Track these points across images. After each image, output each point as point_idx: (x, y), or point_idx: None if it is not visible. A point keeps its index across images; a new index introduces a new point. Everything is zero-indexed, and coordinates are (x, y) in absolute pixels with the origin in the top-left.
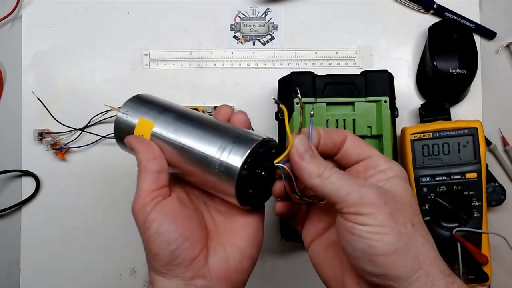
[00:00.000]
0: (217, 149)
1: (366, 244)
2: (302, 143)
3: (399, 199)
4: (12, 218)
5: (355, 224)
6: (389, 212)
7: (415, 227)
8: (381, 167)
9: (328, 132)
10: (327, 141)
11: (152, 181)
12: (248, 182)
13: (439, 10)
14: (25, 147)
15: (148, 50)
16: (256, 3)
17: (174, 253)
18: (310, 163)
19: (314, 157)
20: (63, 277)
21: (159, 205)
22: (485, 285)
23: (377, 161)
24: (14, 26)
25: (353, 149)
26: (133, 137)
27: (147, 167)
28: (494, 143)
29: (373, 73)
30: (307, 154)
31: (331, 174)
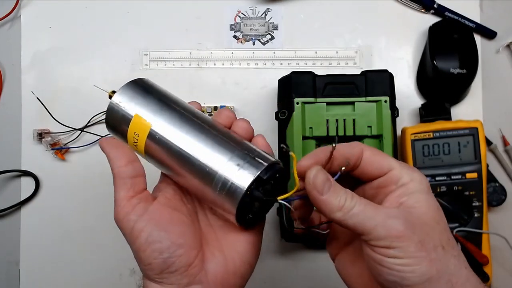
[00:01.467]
0: (223, 166)
1: (398, 277)
2: (318, 177)
3: (426, 219)
4: (12, 218)
5: (384, 257)
6: (419, 241)
7: (445, 249)
8: (402, 181)
9: (344, 148)
10: (339, 159)
11: (128, 188)
12: (249, 205)
13: (439, 10)
14: (24, 147)
15: (148, 50)
16: (256, 3)
17: (167, 261)
18: (329, 196)
19: (333, 188)
20: (62, 277)
21: (147, 213)
22: (486, 285)
23: (398, 174)
24: (13, 25)
25: (371, 165)
26: (105, 141)
27: (120, 174)
28: (494, 143)
29: (373, 73)
30: (325, 186)
31: (353, 206)
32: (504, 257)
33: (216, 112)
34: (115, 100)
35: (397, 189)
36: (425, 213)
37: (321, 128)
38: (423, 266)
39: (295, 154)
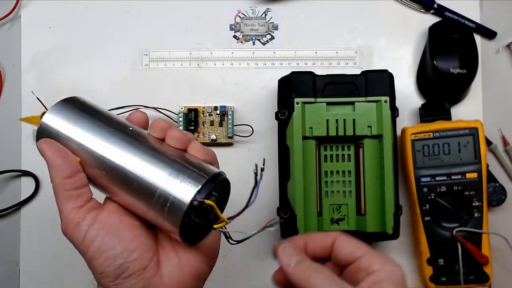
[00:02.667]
0: (163, 182)
1: None
2: (285, 252)
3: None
4: (12, 218)
5: None
6: None
7: None
8: (373, 268)
9: (315, 238)
10: (315, 246)
11: (75, 199)
12: (192, 221)
13: (439, 10)
14: (24, 147)
15: (148, 50)
16: (256, 3)
17: (121, 267)
18: (297, 268)
19: (301, 261)
20: (62, 277)
21: (97, 221)
22: (486, 285)
23: (369, 261)
24: (13, 25)
25: (344, 251)
26: (46, 144)
27: (64, 186)
28: (494, 143)
29: (373, 73)
30: (293, 260)
31: (318, 278)
32: (504, 257)
33: (151, 124)
34: (45, 121)
35: (366, 277)
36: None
37: (321, 128)
38: None
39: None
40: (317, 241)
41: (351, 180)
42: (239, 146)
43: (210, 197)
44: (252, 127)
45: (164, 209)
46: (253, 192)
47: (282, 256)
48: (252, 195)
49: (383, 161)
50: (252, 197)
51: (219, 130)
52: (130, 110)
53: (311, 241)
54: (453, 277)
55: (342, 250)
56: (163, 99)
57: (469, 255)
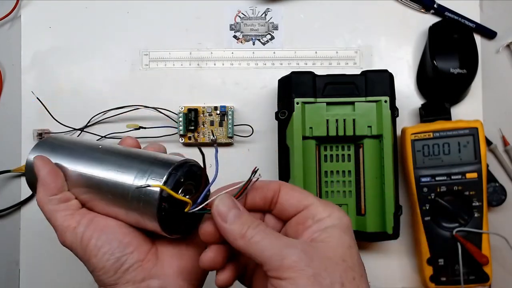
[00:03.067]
0: (134, 180)
1: None
2: (223, 204)
3: (330, 254)
4: (12, 218)
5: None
6: (312, 275)
7: (345, 286)
8: (319, 216)
9: (258, 190)
10: (255, 196)
11: (66, 208)
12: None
13: (439, 10)
14: (24, 147)
15: (148, 50)
16: (256, 3)
17: (120, 259)
18: (233, 224)
19: (239, 216)
20: (62, 277)
21: (92, 223)
22: (486, 285)
23: (315, 209)
24: (13, 26)
25: (288, 201)
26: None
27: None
28: (494, 143)
29: (373, 73)
30: (230, 214)
31: (255, 233)
32: (504, 257)
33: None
34: (30, 158)
35: (313, 225)
36: (333, 249)
37: (321, 128)
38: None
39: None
40: (259, 191)
41: (351, 180)
42: (239, 146)
43: (181, 185)
44: (252, 127)
45: (139, 209)
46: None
47: (219, 208)
48: None
49: (383, 161)
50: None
51: (219, 130)
52: (130, 110)
53: (251, 191)
54: (453, 277)
55: (289, 199)
56: (163, 99)
57: (469, 255)
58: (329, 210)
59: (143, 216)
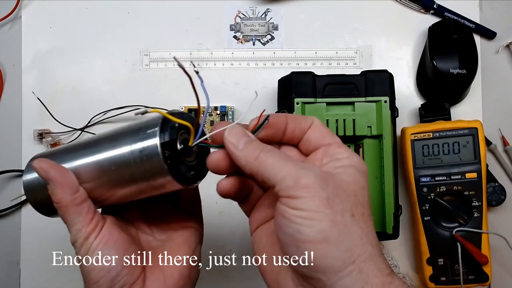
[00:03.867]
0: (130, 142)
1: (294, 229)
2: (233, 133)
3: (343, 186)
4: (12, 218)
5: (287, 207)
6: (326, 198)
7: (355, 217)
8: (338, 156)
9: (296, 119)
10: (295, 128)
11: (86, 213)
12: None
13: (439, 10)
14: (25, 147)
15: (148, 50)
16: (256, 3)
17: (114, 279)
18: (245, 149)
19: (250, 142)
20: (63, 277)
21: (101, 233)
22: (485, 285)
23: (336, 149)
24: (14, 26)
25: (314, 135)
26: (48, 165)
27: (74, 201)
28: (494, 143)
29: (373, 73)
30: (241, 141)
31: (268, 156)
32: (504, 257)
33: None
34: (26, 178)
35: (330, 162)
36: (347, 183)
37: None
38: (323, 223)
39: None
40: (297, 122)
41: None
42: None
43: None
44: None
45: (146, 169)
46: None
47: (230, 137)
48: None
49: (383, 161)
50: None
51: None
52: (130, 110)
53: (292, 122)
54: (453, 276)
55: (315, 133)
56: (163, 99)
57: (468, 255)
58: (349, 153)
59: (153, 176)
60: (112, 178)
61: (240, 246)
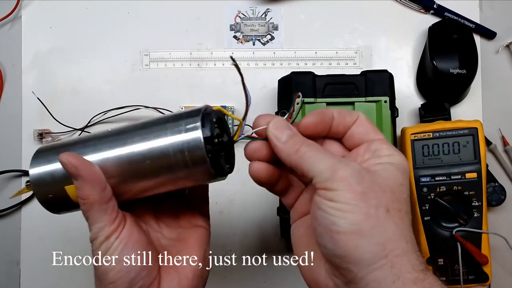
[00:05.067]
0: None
1: (329, 220)
2: (276, 126)
3: (380, 182)
4: (12, 218)
5: (323, 199)
6: (361, 192)
7: (390, 213)
8: (379, 153)
9: (342, 114)
10: (340, 122)
11: (111, 211)
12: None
13: (439, 10)
14: (25, 147)
15: (148, 50)
16: (256, 3)
17: (132, 281)
18: (287, 142)
19: (292, 136)
20: (63, 277)
21: (122, 233)
22: (485, 285)
23: (379, 146)
24: (14, 26)
25: (358, 130)
26: (74, 157)
27: (103, 199)
28: (494, 143)
29: (373, 73)
30: (284, 134)
31: (308, 150)
32: (504, 257)
33: None
34: (34, 172)
35: (371, 158)
36: (384, 179)
37: None
38: (356, 216)
39: None
40: (343, 117)
41: None
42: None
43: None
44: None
45: (186, 161)
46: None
47: (273, 130)
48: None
49: None
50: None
51: None
52: (130, 110)
53: (338, 116)
54: (453, 276)
55: (359, 128)
56: (163, 99)
57: (468, 255)
58: (391, 150)
59: (192, 169)
60: (142, 172)
61: (240, 246)
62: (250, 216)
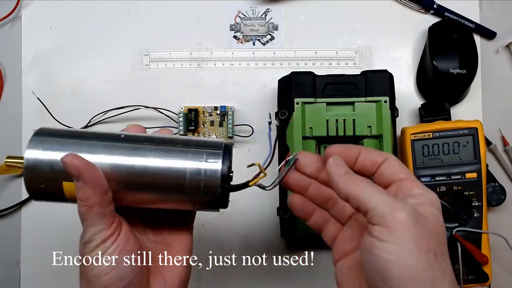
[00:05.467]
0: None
1: (382, 266)
2: (336, 162)
3: (430, 227)
4: (12, 218)
5: (376, 240)
6: (415, 235)
7: (436, 256)
8: (414, 191)
9: (368, 151)
10: (366, 158)
11: (109, 216)
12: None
13: (439, 10)
14: (25, 147)
15: (148, 50)
16: (256, 3)
17: (125, 287)
18: (346, 175)
19: (350, 172)
20: (63, 277)
21: (118, 239)
22: (485, 285)
23: (410, 184)
24: (14, 26)
25: (390, 168)
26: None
27: (102, 203)
28: (494, 143)
29: (373, 73)
30: (343, 169)
31: (367, 183)
32: (504, 257)
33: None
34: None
35: (408, 198)
36: (432, 223)
37: (321, 128)
38: (410, 261)
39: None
40: (370, 155)
41: None
42: (239, 146)
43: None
44: (252, 127)
45: (198, 190)
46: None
47: (333, 166)
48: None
49: None
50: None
51: (219, 130)
52: (130, 110)
53: (364, 153)
54: None
55: (390, 167)
56: (163, 99)
57: (468, 255)
58: (423, 188)
59: (201, 195)
60: (150, 187)
61: (240, 246)
62: (250, 216)
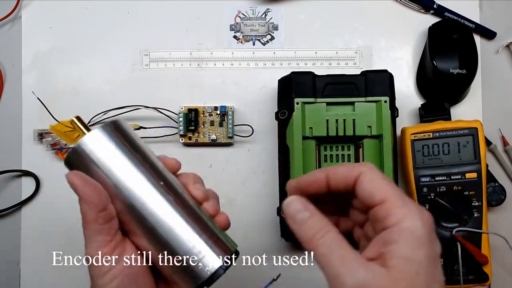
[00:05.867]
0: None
1: None
2: (292, 206)
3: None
4: (12, 218)
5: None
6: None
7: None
8: (388, 221)
9: (337, 173)
10: (338, 182)
11: (106, 233)
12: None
13: (439, 10)
14: (25, 147)
15: (148, 50)
16: (256, 3)
17: None
18: (301, 226)
19: (306, 219)
20: (63, 277)
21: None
22: (485, 285)
23: (387, 211)
24: (14, 26)
25: (362, 192)
26: (79, 178)
27: (98, 220)
28: (494, 143)
29: (373, 73)
30: (298, 216)
31: (322, 243)
32: (504, 257)
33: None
34: (87, 142)
35: (379, 234)
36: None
37: (321, 128)
38: None
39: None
40: (340, 176)
41: None
42: (239, 146)
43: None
44: (252, 127)
45: (183, 270)
46: None
47: (287, 211)
48: None
49: (383, 161)
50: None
51: (219, 130)
52: (130, 110)
53: (333, 177)
54: (453, 277)
55: (361, 190)
56: (163, 99)
57: (468, 255)
58: (401, 214)
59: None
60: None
61: (240, 246)
62: (250, 216)
